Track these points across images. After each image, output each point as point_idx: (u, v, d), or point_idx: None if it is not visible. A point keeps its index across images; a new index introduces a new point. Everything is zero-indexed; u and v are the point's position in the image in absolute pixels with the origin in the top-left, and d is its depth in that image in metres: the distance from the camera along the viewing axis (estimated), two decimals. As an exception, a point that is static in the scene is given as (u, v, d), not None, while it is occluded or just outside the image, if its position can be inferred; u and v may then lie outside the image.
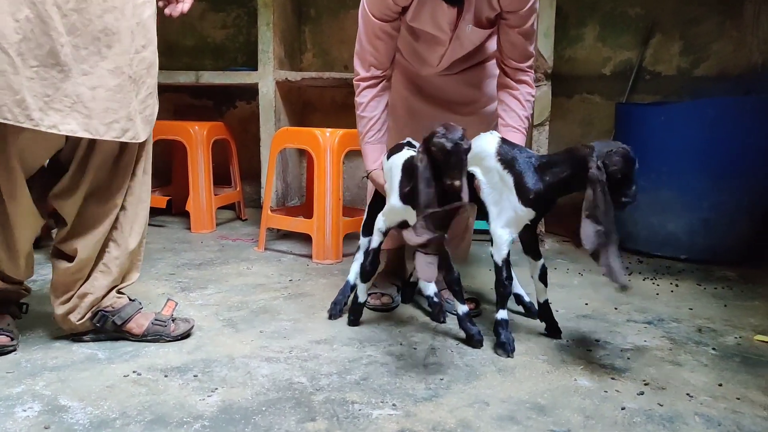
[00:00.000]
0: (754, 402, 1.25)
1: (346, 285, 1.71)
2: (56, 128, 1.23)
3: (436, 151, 1.27)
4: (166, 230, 2.87)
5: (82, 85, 1.25)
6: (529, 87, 1.62)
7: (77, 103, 1.24)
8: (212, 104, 3.57)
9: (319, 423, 1.12)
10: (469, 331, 1.51)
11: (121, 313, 1.45)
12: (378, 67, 1.61)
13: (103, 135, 1.29)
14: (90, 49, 1.26)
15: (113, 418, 1.13)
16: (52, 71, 1.21)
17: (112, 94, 1.29)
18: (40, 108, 1.20)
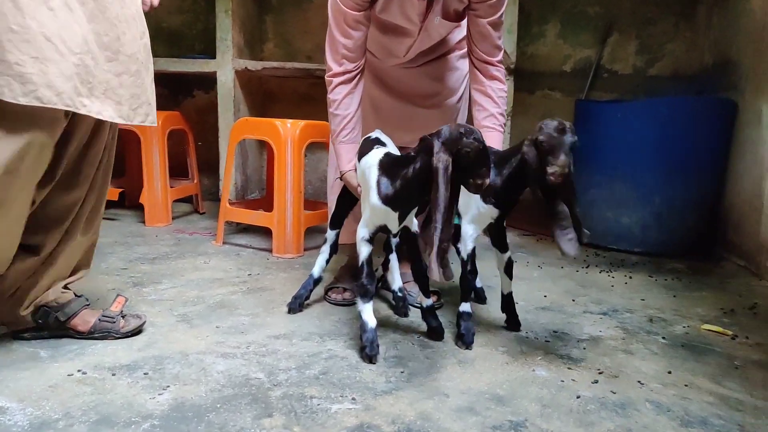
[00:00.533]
0: (701, 388, 1.29)
1: (309, 279, 1.69)
2: (101, 114, 1.25)
3: (469, 152, 1.23)
4: (119, 224, 2.77)
5: (109, 72, 1.26)
6: (501, 83, 1.61)
7: (108, 90, 1.26)
8: (168, 93, 3.46)
9: (276, 419, 1.10)
10: (431, 324, 1.51)
11: (65, 309, 1.38)
12: (350, 60, 1.56)
13: (132, 120, 1.33)
14: (110, 35, 1.27)
15: (55, 419, 1.07)
16: (87, 58, 1.21)
17: (134, 79, 1.32)
18: (87, 95, 1.22)
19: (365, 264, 1.42)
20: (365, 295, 1.41)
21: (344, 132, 1.61)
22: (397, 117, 1.76)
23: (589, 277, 2.17)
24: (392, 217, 1.39)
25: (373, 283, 1.42)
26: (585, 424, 1.12)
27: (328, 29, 1.57)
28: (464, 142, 1.23)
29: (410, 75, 1.76)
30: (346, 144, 1.61)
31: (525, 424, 1.11)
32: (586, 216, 2.66)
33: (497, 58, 1.60)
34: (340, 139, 1.62)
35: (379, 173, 1.38)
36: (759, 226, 2.30)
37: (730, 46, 2.73)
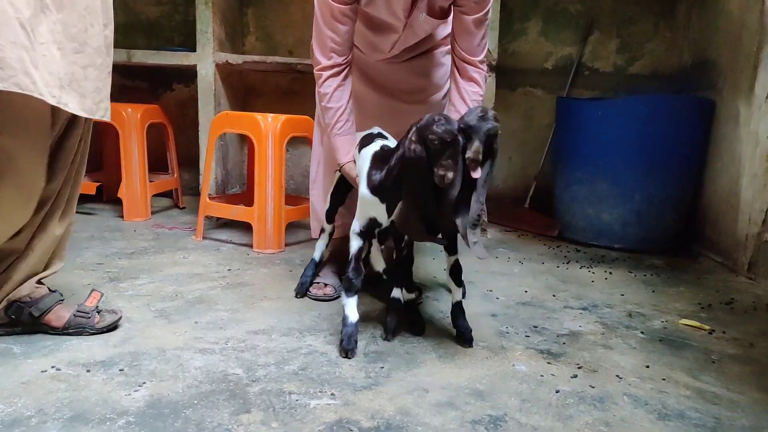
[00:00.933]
0: (678, 382, 1.31)
1: (312, 263, 1.75)
2: (67, 106, 1.22)
3: (434, 139, 1.21)
4: (96, 218, 2.72)
5: (75, 64, 1.23)
6: (477, 86, 1.60)
7: (73, 82, 1.23)
8: (147, 86, 3.40)
9: (254, 414, 1.08)
10: (412, 318, 1.51)
11: (39, 304, 1.35)
12: (339, 54, 1.54)
13: (94, 114, 1.29)
14: (78, 26, 1.24)
15: (28, 416, 1.05)
16: (53, 48, 1.18)
17: (98, 72, 1.30)
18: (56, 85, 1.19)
19: (354, 258, 1.41)
20: (350, 289, 1.40)
21: (338, 124, 1.59)
22: (381, 113, 1.75)
23: (569, 273, 2.19)
24: (381, 209, 1.38)
25: (359, 278, 1.41)
26: (564, 417, 1.13)
27: (315, 23, 1.55)
28: (432, 129, 1.22)
29: (395, 70, 1.75)
30: (342, 136, 1.60)
31: (504, 419, 1.11)
32: (567, 213, 2.74)
33: (479, 57, 1.58)
34: (335, 131, 1.60)
35: (370, 164, 1.38)
36: (736, 223, 2.34)
37: (708, 46, 2.77)
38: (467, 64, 1.58)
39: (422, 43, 1.70)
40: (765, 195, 2.16)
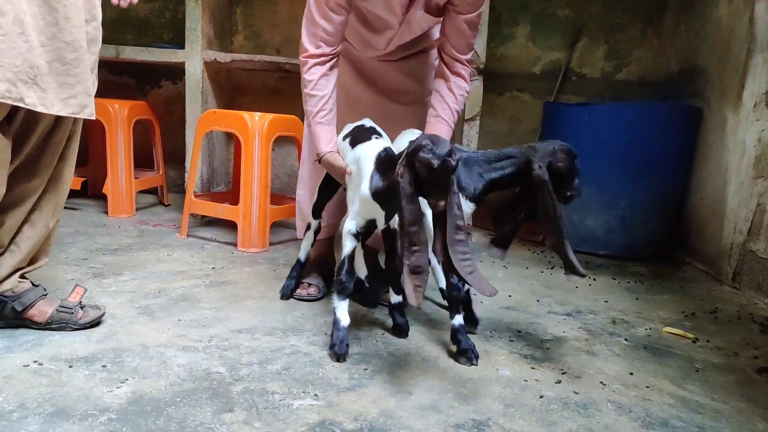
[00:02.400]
0: (662, 390, 1.31)
1: (297, 264, 1.73)
2: (22, 101, 1.17)
3: (421, 167, 1.16)
4: (81, 213, 2.68)
5: (40, 57, 1.19)
6: (465, 82, 1.62)
7: (37, 76, 1.19)
8: (134, 82, 3.37)
9: (237, 414, 1.07)
10: (397, 321, 1.51)
11: (21, 298, 1.34)
12: (328, 44, 1.53)
13: (59, 111, 1.24)
14: (48, 19, 1.20)
15: (9, 410, 1.03)
16: (18, 41, 1.14)
17: (68, 68, 1.24)
18: (8, 79, 1.14)
19: (347, 260, 1.37)
20: (342, 292, 1.36)
21: (322, 113, 1.56)
22: (373, 111, 1.74)
23: (553, 278, 2.20)
24: (379, 213, 1.36)
25: (351, 280, 1.37)
26: (547, 423, 1.13)
27: (307, 10, 1.54)
28: (419, 156, 1.15)
29: (389, 69, 1.74)
30: (325, 125, 1.57)
31: (488, 423, 1.11)
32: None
33: (467, 56, 1.60)
34: (318, 120, 1.57)
35: (375, 166, 1.33)
36: (721, 231, 2.37)
37: (696, 54, 2.80)
38: (456, 61, 1.59)
39: (417, 43, 1.70)
40: (751, 204, 2.18)
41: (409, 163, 1.19)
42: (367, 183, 1.33)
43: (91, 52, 1.35)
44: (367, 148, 1.38)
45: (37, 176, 1.33)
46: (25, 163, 1.31)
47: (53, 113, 1.24)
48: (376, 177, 1.31)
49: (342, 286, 1.36)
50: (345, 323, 1.35)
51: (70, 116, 1.29)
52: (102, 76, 1.45)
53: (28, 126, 1.28)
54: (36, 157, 1.32)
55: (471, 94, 2.70)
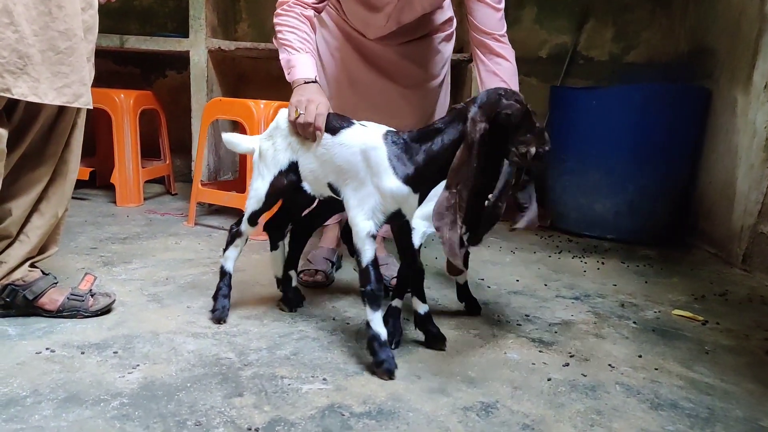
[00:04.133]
0: (671, 372, 1.31)
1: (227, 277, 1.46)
2: (9, 92, 1.16)
3: (509, 115, 1.09)
4: (89, 203, 2.70)
5: (33, 47, 1.18)
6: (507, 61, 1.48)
7: (28, 66, 1.18)
8: (140, 72, 3.37)
9: (247, 398, 1.08)
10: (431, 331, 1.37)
11: (32, 287, 1.35)
12: None
13: (52, 100, 1.23)
14: (40, 9, 1.19)
15: (23, 396, 1.05)
16: (7, 31, 1.13)
17: (62, 57, 1.23)
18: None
19: (371, 266, 1.20)
20: (375, 302, 1.20)
21: (300, 44, 1.38)
22: (375, 94, 1.72)
23: (561, 263, 2.19)
24: (411, 200, 1.21)
25: (382, 288, 1.22)
26: (555, 405, 1.13)
27: None
28: (504, 104, 1.10)
29: (391, 53, 1.72)
30: (305, 54, 1.38)
31: (496, 406, 1.11)
32: (558, 203, 2.73)
33: (500, 31, 1.47)
34: (296, 48, 1.37)
35: (390, 151, 1.20)
36: (731, 214, 2.34)
37: (705, 34, 2.76)
38: (488, 36, 1.46)
39: (420, 26, 1.67)
40: (762, 186, 2.15)
41: (487, 116, 1.10)
42: (390, 173, 1.19)
43: (88, 41, 1.34)
44: (362, 138, 1.24)
45: (42, 165, 1.34)
46: (30, 152, 1.32)
47: (47, 102, 1.23)
48: (401, 160, 1.19)
49: (374, 296, 1.20)
50: (385, 336, 1.21)
51: (65, 105, 1.28)
52: (107, 67, 1.45)
53: (30, 116, 1.28)
54: (40, 147, 1.33)
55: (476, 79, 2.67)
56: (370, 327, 1.21)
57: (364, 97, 1.69)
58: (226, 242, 1.46)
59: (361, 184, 1.23)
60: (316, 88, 1.34)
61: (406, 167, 1.19)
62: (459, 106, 1.17)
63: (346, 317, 1.51)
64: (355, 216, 1.23)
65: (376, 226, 1.22)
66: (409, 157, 1.19)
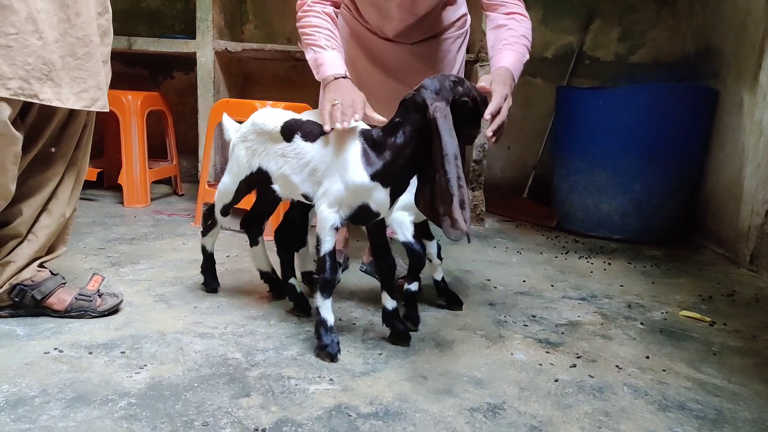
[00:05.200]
0: (678, 373, 1.31)
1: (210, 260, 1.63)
2: (36, 97, 1.19)
3: (467, 101, 1.18)
4: (97, 204, 2.72)
5: (55, 53, 1.21)
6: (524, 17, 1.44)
7: (52, 72, 1.21)
8: (147, 73, 3.38)
9: (254, 398, 1.09)
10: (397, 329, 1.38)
11: (41, 287, 1.36)
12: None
13: (73, 104, 1.26)
14: (59, 15, 1.21)
15: (32, 396, 1.06)
16: (32, 38, 1.16)
17: (80, 62, 1.26)
18: (21, 77, 1.16)
19: (328, 257, 1.25)
20: (326, 290, 1.26)
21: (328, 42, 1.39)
22: (386, 94, 1.71)
23: (568, 263, 2.19)
24: (381, 196, 1.23)
25: (335, 277, 1.28)
26: (563, 406, 1.13)
27: None
28: (460, 91, 1.18)
29: (402, 51, 1.71)
30: (331, 50, 1.38)
31: (503, 407, 1.11)
32: (565, 203, 2.73)
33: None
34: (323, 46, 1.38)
35: (363, 146, 1.23)
36: (738, 214, 2.33)
37: (712, 34, 2.75)
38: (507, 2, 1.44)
39: (434, 24, 1.66)
40: (768, 186, 2.15)
41: (446, 99, 1.16)
42: (357, 166, 1.21)
43: (104, 44, 1.36)
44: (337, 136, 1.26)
45: (53, 166, 1.35)
46: (41, 154, 1.33)
47: (68, 107, 1.26)
48: (371, 155, 1.22)
49: (327, 283, 1.26)
50: (332, 322, 1.28)
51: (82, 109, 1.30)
52: (115, 68, 1.46)
53: (44, 118, 1.30)
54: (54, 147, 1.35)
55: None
56: (319, 312, 1.28)
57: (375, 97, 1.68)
58: (202, 230, 1.61)
59: (330, 178, 1.26)
60: (348, 82, 1.33)
61: (375, 163, 1.22)
62: (408, 96, 1.20)
63: (353, 318, 1.52)
64: (320, 207, 1.26)
65: (340, 219, 1.25)
66: (378, 153, 1.22)
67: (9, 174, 1.23)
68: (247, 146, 1.42)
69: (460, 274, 1.95)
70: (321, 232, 1.26)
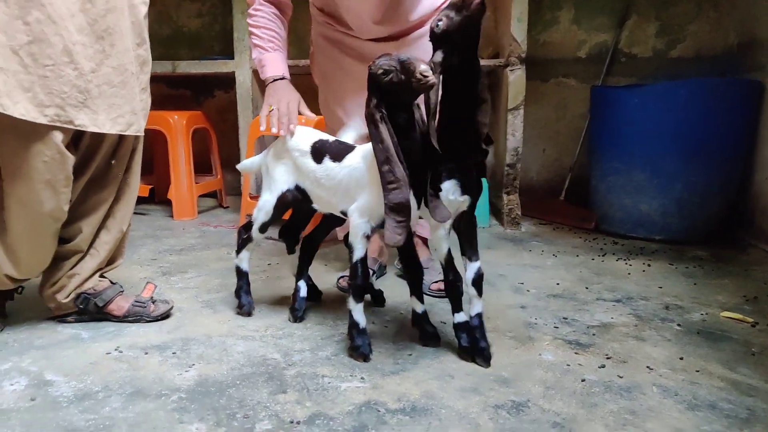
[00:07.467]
0: (712, 374, 1.28)
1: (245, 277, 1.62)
2: (71, 123, 1.29)
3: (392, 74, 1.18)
4: (149, 218, 2.89)
5: (91, 82, 1.30)
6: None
7: (87, 99, 1.30)
8: (190, 94, 3.57)
9: (290, 395, 1.17)
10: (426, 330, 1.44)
11: (102, 295, 1.50)
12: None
13: (109, 129, 1.36)
14: (95, 47, 1.31)
15: (96, 391, 1.18)
16: (67, 69, 1.26)
17: (116, 90, 1.36)
18: (57, 104, 1.26)
19: (359, 264, 1.32)
20: (358, 295, 1.33)
21: (271, 43, 1.47)
22: None
23: (604, 265, 2.16)
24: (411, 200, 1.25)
25: (367, 282, 1.36)
26: (588, 405, 1.14)
27: None
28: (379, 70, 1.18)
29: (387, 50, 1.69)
30: (276, 51, 1.47)
31: (527, 404, 1.14)
32: (603, 203, 2.69)
33: None
34: (267, 48, 1.47)
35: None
36: (786, 211, 2.24)
37: (756, 25, 2.66)
38: None
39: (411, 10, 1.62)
40: (816, 181, 2.06)
41: (376, 91, 1.19)
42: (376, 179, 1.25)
43: (144, 72, 1.47)
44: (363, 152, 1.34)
45: (107, 187, 1.48)
46: (96, 176, 1.46)
47: (104, 131, 1.35)
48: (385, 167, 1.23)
49: (358, 289, 1.33)
50: (364, 325, 1.34)
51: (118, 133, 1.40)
52: (161, 90, 1.57)
53: (94, 145, 1.42)
54: (104, 171, 1.47)
55: (514, 83, 2.68)
56: (351, 316, 1.34)
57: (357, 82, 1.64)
58: (238, 246, 1.60)
59: (363, 193, 1.32)
60: (285, 84, 1.43)
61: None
62: None
63: (385, 321, 1.58)
64: (352, 217, 1.34)
65: (370, 227, 1.31)
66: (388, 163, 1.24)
67: (62, 196, 1.35)
68: (283, 163, 1.50)
69: (495, 279, 1.96)
70: (353, 240, 1.33)
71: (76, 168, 1.38)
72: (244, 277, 1.62)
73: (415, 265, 1.41)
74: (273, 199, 1.50)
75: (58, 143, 1.28)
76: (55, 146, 1.28)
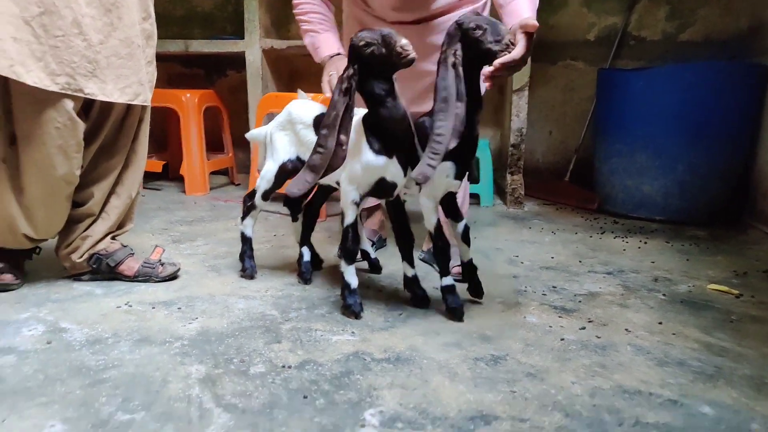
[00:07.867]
0: (688, 337, 1.34)
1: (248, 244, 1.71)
2: (81, 92, 1.37)
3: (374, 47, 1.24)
4: (162, 193, 3.01)
5: (100, 53, 1.38)
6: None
7: (96, 69, 1.37)
8: (203, 73, 3.65)
9: (284, 344, 1.26)
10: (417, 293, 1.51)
11: (114, 256, 1.60)
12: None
13: (117, 98, 1.44)
14: (104, 20, 1.39)
15: (106, 337, 1.29)
16: (77, 40, 1.34)
17: (124, 61, 1.44)
18: (67, 73, 1.34)
19: (350, 228, 1.40)
20: (350, 257, 1.41)
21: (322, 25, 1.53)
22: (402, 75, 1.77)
23: (601, 242, 2.20)
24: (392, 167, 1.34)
25: (358, 246, 1.44)
26: (562, 360, 1.21)
27: None
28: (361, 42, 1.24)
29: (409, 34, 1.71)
30: (325, 33, 1.52)
31: (506, 358, 1.22)
32: (606, 184, 2.73)
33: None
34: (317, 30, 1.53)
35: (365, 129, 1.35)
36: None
37: (766, 9, 2.66)
38: None
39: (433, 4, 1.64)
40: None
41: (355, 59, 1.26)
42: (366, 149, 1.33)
43: (149, 46, 1.55)
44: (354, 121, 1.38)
45: (116, 155, 1.57)
46: (105, 144, 1.55)
47: (112, 100, 1.44)
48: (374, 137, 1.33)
49: (350, 252, 1.41)
50: (356, 285, 1.43)
51: (126, 103, 1.49)
52: (174, 69, 1.64)
53: (103, 114, 1.51)
54: (113, 140, 1.56)
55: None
56: (344, 277, 1.42)
57: None
58: (243, 213, 1.69)
59: (351, 161, 1.38)
60: (343, 58, 1.47)
61: (377, 139, 1.33)
62: None
63: (380, 285, 1.66)
64: (342, 185, 1.42)
65: (358, 194, 1.39)
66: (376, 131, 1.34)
67: (74, 161, 1.44)
68: (286, 134, 1.58)
69: (491, 251, 2.03)
70: (343, 206, 1.42)
71: (86, 135, 1.47)
72: (248, 243, 1.71)
73: (406, 233, 1.48)
74: (275, 168, 1.59)
75: (69, 110, 1.37)
76: (66, 113, 1.37)
